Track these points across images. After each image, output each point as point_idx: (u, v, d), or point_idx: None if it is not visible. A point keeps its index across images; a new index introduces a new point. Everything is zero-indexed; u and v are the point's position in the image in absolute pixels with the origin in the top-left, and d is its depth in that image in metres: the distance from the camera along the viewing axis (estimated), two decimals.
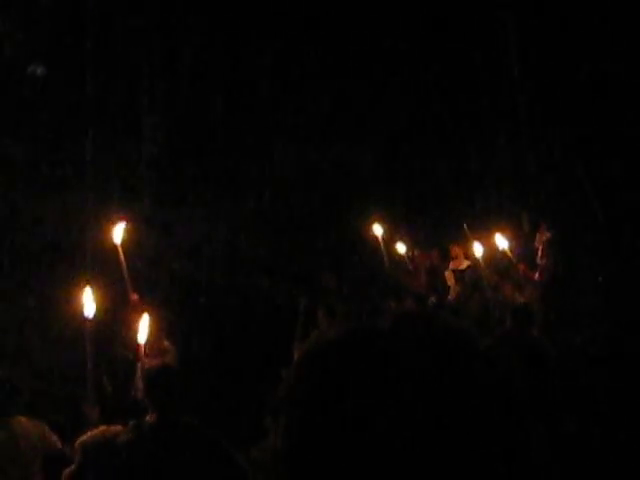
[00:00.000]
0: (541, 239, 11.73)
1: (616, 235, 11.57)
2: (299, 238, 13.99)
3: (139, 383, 7.43)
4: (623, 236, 11.49)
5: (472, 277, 11.13)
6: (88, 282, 6.80)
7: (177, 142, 14.40)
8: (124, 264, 8.19)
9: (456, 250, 12.35)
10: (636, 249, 10.80)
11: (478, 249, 10.68)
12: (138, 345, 7.80)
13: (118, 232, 8.58)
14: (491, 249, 11.03)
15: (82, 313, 6.43)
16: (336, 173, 15.01)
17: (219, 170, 14.41)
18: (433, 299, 10.03)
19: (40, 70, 13.57)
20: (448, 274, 11.82)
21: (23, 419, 6.59)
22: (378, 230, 12.11)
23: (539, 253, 11.20)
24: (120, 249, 8.39)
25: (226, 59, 14.81)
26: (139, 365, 7.62)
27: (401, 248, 12.25)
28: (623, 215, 12.08)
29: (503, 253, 10.77)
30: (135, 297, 8.78)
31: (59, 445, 6.55)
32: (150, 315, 8.22)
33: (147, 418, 5.74)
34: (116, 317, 8.07)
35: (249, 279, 12.80)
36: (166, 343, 8.82)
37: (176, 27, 14.40)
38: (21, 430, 6.51)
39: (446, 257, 12.48)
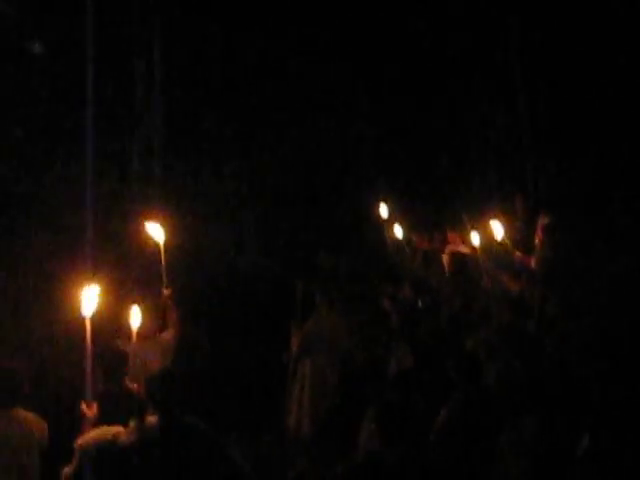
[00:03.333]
0: (540, 225, 11.63)
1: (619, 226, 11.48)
2: (296, 218, 13.92)
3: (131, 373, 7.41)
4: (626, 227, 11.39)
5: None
6: (91, 279, 6.72)
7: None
8: (163, 260, 8.27)
9: (453, 235, 12.27)
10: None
11: (475, 238, 10.62)
12: (130, 332, 7.80)
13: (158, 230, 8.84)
14: (488, 236, 10.95)
15: (80, 310, 6.36)
16: (335, 153, 14.92)
17: (219, 139, 14.32)
18: (422, 300, 10.01)
19: (37, 47, 13.41)
20: (445, 258, 11.74)
21: (24, 412, 6.56)
22: (384, 210, 12.01)
23: (536, 239, 11.11)
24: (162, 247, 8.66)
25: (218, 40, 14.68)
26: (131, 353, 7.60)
27: (398, 231, 12.15)
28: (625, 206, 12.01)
29: (500, 241, 10.70)
30: (167, 291, 8.77)
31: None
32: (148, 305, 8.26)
33: (149, 419, 5.71)
34: (117, 314, 8.02)
35: (245, 261, 12.75)
36: (164, 334, 8.79)
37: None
38: (27, 423, 6.49)
39: (444, 241, 12.40)
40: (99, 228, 9.63)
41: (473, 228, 11.01)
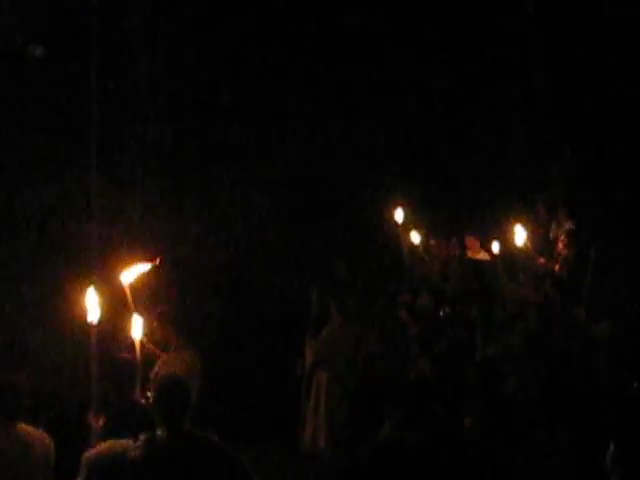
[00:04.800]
0: (560, 228, 11.60)
1: None
2: (310, 225, 13.82)
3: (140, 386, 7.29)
4: None
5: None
6: (92, 282, 6.61)
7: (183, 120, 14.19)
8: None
9: (471, 240, 12.21)
10: None
11: (495, 244, 10.56)
12: (133, 343, 7.61)
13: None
14: (508, 241, 10.92)
15: (85, 318, 6.26)
16: (349, 154, 14.82)
17: (231, 150, 14.23)
18: (445, 310, 9.92)
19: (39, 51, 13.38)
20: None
21: (26, 426, 6.47)
22: (399, 216, 11.87)
23: (559, 244, 11.08)
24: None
25: (230, 39, 14.61)
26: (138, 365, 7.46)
27: (415, 237, 12.06)
28: None
29: (522, 246, 10.65)
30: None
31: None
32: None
33: (158, 432, 5.62)
34: (120, 319, 7.88)
35: (258, 270, 12.66)
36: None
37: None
38: (30, 438, 6.39)
39: (463, 247, 12.34)
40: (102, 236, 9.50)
41: (493, 234, 10.96)
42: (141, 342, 7.25)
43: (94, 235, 9.96)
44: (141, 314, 7.30)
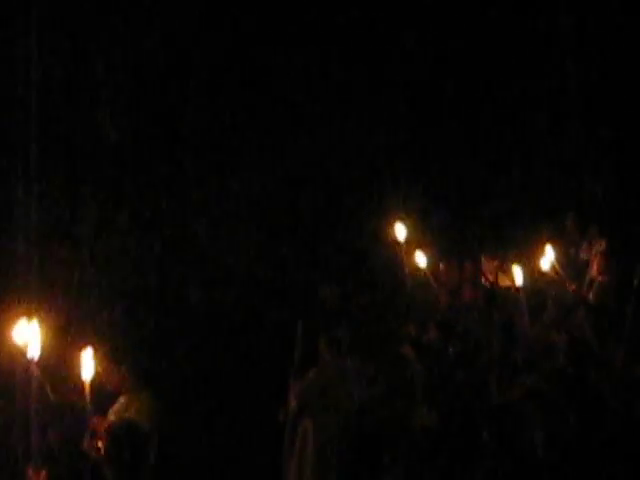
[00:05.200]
0: (592, 249, 11.66)
1: None
2: (296, 244, 13.83)
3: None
4: None
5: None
6: (33, 313, 6.61)
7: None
8: None
9: (488, 264, 12.24)
10: None
11: (517, 270, 10.57)
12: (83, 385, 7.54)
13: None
14: (532, 265, 10.96)
15: (24, 354, 6.24)
16: (343, 162, 14.86)
17: (203, 159, 14.26)
18: (452, 346, 9.96)
19: None
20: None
21: None
22: (400, 232, 11.83)
23: (593, 268, 11.13)
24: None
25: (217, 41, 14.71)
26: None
27: (420, 258, 12.04)
28: None
29: (549, 270, 10.70)
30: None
31: None
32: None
33: None
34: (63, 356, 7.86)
35: (235, 297, 12.67)
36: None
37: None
38: None
39: (478, 271, 12.37)
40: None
41: (515, 256, 11.01)
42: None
43: (33, 257, 9.92)
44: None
